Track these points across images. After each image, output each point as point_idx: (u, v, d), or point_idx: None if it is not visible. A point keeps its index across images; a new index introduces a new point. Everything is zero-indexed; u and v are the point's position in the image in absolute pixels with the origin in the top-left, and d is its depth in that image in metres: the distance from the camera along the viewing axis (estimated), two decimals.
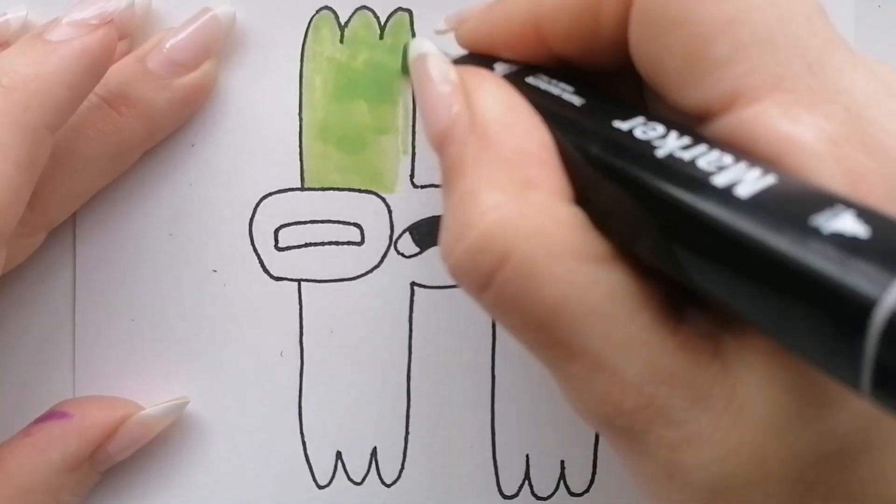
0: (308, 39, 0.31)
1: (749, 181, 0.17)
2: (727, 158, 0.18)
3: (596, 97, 0.22)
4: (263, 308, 0.31)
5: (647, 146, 0.19)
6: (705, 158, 0.18)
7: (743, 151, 0.18)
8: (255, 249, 0.31)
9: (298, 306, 0.31)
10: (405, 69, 0.29)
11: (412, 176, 0.31)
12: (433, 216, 0.31)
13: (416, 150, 0.31)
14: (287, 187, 0.31)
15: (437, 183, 0.31)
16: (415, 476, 0.31)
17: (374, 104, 0.31)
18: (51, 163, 0.26)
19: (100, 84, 0.27)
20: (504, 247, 0.19)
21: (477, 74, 0.22)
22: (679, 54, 0.19)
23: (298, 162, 0.31)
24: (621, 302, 0.19)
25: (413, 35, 0.31)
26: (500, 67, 0.24)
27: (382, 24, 0.31)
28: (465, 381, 0.31)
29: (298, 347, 0.31)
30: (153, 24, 0.30)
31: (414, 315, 0.31)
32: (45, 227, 0.29)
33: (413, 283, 0.31)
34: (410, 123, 0.31)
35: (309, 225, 0.31)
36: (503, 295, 0.19)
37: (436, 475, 0.31)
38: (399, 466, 0.31)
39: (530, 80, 0.23)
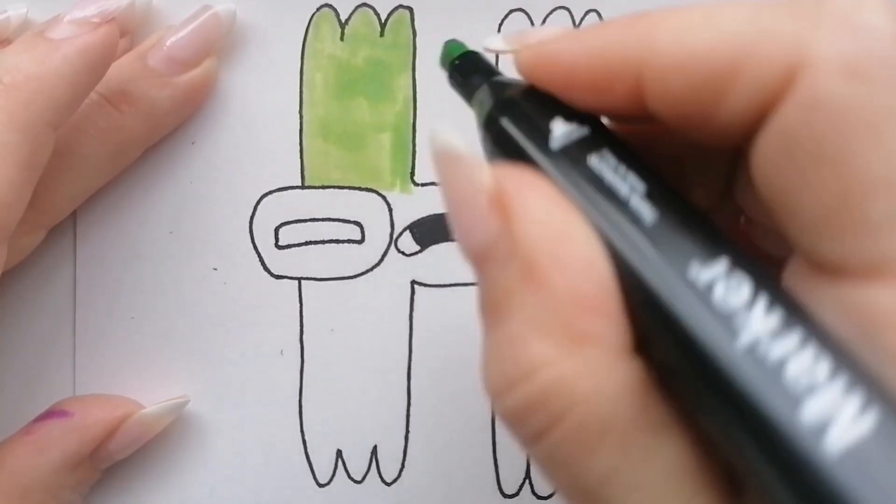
0: (308, 37, 0.31)
1: (844, 424, 0.14)
2: (823, 368, 0.15)
3: (673, 206, 0.17)
4: (264, 306, 0.31)
5: (727, 324, 0.16)
6: (797, 363, 0.15)
7: (857, 337, 0.16)
8: (255, 247, 0.31)
9: (299, 305, 0.31)
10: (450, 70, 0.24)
11: (413, 174, 0.31)
12: (434, 214, 0.31)
13: (417, 148, 0.31)
14: (287, 185, 0.31)
15: (437, 181, 0.31)
16: (415, 475, 0.31)
17: (374, 102, 0.31)
18: (51, 161, 0.26)
19: (100, 82, 0.27)
20: (558, 408, 0.17)
21: (520, 181, 0.18)
22: (824, 199, 0.16)
23: (299, 160, 0.31)
24: (677, 480, 0.17)
25: (413, 33, 0.31)
26: (561, 129, 0.19)
27: (383, 21, 0.31)
28: (466, 379, 0.31)
29: (299, 346, 0.31)
30: (154, 22, 0.30)
31: (414, 313, 0.31)
32: (45, 226, 0.29)
33: (413, 282, 0.31)
34: (411, 121, 0.31)
35: (309, 223, 0.31)
36: (553, 455, 0.17)
37: (436, 474, 0.31)
38: (399, 465, 0.31)
39: (594, 161, 0.18)
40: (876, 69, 0.16)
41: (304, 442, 0.31)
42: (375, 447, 0.31)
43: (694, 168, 0.21)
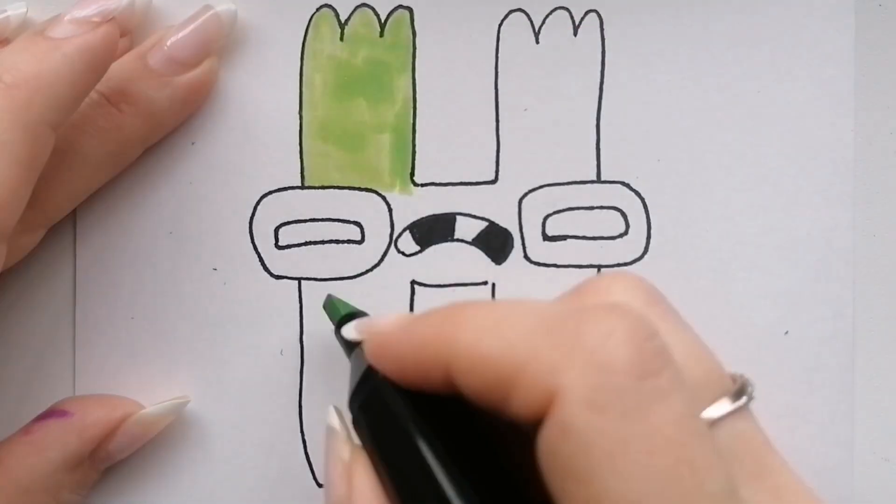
0: (308, 37, 0.31)
1: None
2: None
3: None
4: (264, 307, 0.31)
5: None
6: None
7: None
8: (255, 248, 0.31)
9: (299, 305, 0.31)
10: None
11: (412, 174, 0.31)
12: (434, 214, 0.31)
13: (417, 149, 0.31)
14: (287, 185, 0.31)
15: (437, 181, 0.31)
16: None
17: (374, 102, 0.31)
18: (51, 160, 0.26)
19: (101, 81, 0.27)
20: None
21: (360, 457, 0.24)
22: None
23: (298, 160, 0.31)
24: None
25: (413, 33, 0.31)
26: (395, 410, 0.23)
27: (383, 21, 0.31)
28: None
29: (299, 346, 0.31)
30: (154, 22, 0.30)
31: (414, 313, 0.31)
32: (44, 225, 0.29)
33: (413, 282, 0.31)
34: (411, 121, 0.31)
35: (309, 223, 0.31)
36: None
37: None
38: None
39: (422, 445, 0.22)
40: (612, 402, 0.18)
41: (304, 442, 0.31)
42: None
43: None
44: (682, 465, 0.18)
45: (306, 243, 0.31)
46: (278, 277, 0.31)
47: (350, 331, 0.26)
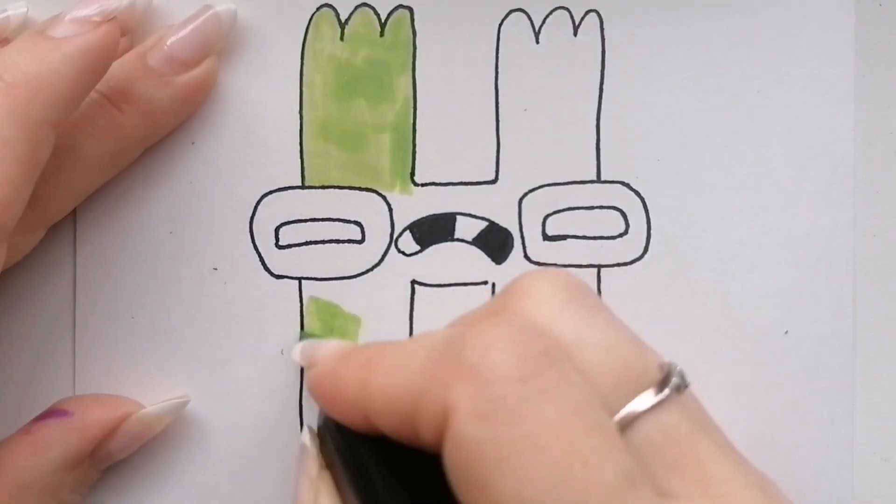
0: (308, 37, 0.31)
1: None
2: None
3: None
4: (264, 306, 0.31)
5: None
6: None
7: None
8: (255, 247, 0.31)
9: (299, 305, 0.31)
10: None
11: (413, 174, 0.31)
12: (434, 214, 0.31)
13: (417, 148, 0.31)
14: (287, 185, 0.31)
15: (437, 181, 0.31)
16: None
17: (374, 102, 0.31)
18: (51, 159, 0.26)
19: (101, 80, 0.27)
20: None
21: (325, 477, 0.26)
22: None
23: (299, 160, 0.31)
24: None
25: (413, 33, 0.31)
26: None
27: (383, 21, 0.31)
28: None
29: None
30: (154, 22, 0.30)
31: (414, 313, 0.31)
32: (44, 224, 0.29)
33: (413, 282, 0.31)
34: (411, 121, 0.31)
35: (309, 223, 0.31)
36: None
37: None
38: None
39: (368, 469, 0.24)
40: (495, 409, 0.19)
41: None
42: None
43: None
44: (573, 458, 0.19)
45: (307, 243, 0.31)
46: (279, 277, 0.31)
47: (296, 353, 0.28)
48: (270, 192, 0.31)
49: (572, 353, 0.21)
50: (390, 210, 0.31)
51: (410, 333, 0.31)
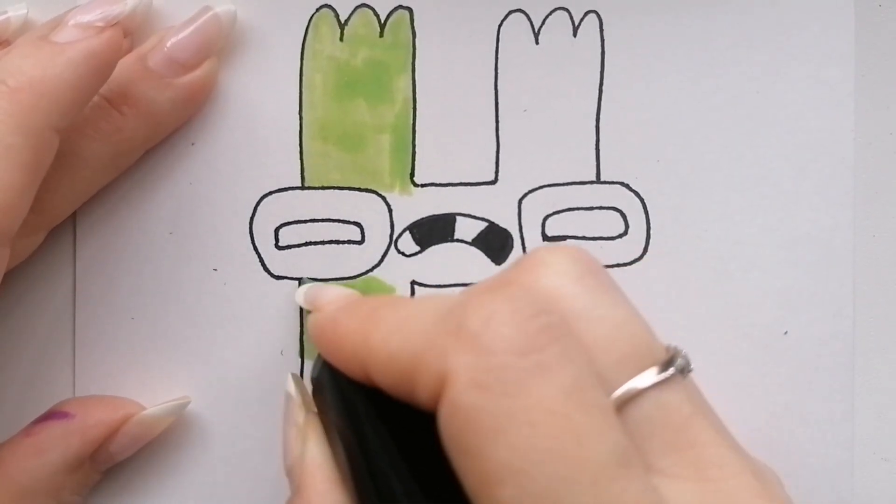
0: (308, 38, 0.31)
1: None
2: None
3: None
4: (264, 307, 0.31)
5: None
6: None
7: None
8: (255, 248, 0.31)
9: (299, 305, 0.31)
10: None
11: (412, 174, 0.31)
12: (434, 215, 0.31)
13: (417, 149, 0.31)
14: (287, 186, 0.31)
15: (437, 181, 0.31)
16: None
17: (374, 103, 0.31)
18: (52, 162, 0.26)
19: None
20: None
21: (313, 423, 0.26)
22: (470, 483, 0.20)
23: (298, 161, 0.31)
24: None
25: (413, 34, 0.31)
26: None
27: (382, 21, 0.31)
28: None
29: (299, 346, 0.31)
30: (154, 23, 0.30)
31: None
32: (45, 227, 0.29)
33: (413, 282, 0.31)
34: (410, 122, 0.31)
35: (309, 224, 0.31)
36: None
37: None
38: None
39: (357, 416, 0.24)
40: (494, 380, 0.19)
41: None
42: None
43: None
44: (567, 434, 0.19)
45: (306, 244, 0.31)
46: (278, 278, 0.31)
47: (300, 296, 0.28)
48: (270, 193, 0.31)
49: (581, 326, 0.21)
50: (390, 211, 0.31)
51: None
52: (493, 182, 0.31)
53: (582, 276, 0.23)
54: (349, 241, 0.31)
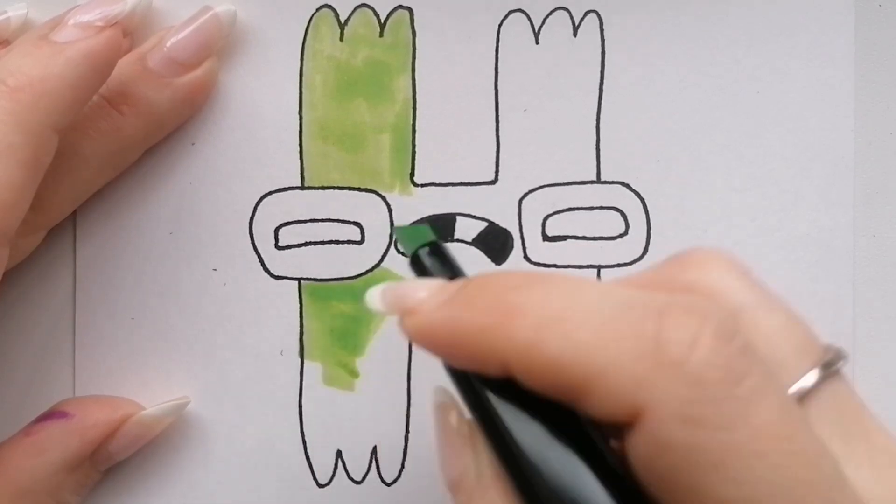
0: (308, 38, 0.31)
1: None
2: None
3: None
4: (264, 307, 0.31)
5: None
6: None
7: None
8: (255, 248, 0.31)
9: (299, 305, 0.31)
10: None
11: (412, 174, 0.31)
12: (433, 215, 0.31)
13: (417, 149, 0.31)
14: (287, 186, 0.31)
15: (437, 181, 0.31)
16: (415, 475, 0.31)
17: (374, 103, 0.31)
18: (52, 162, 0.26)
19: None
20: None
21: (475, 431, 0.22)
22: None
23: (298, 161, 0.31)
24: None
25: (413, 34, 0.31)
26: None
27: (382, 21, 0.31)
28: None
29: (299, 346, 0.31)
30: (154, 23, 0.30)
31: None
32: (45, 226, 0.29)
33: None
34: (411, 122, 0.31)
35: (309, 224, 0.31)
36: None
37: (436, 474, 0.31)
38: (399, 465, 0.31)
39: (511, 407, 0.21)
40: (708, 414, 0.18)
41: (304, 442, 0.31)
42: (375, 447, 0.31)
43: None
44: (794, 457, 0.18)
45: (306, 244, 0.31)
46: (278, 278, 0.31)
47: (374, 299, 0.23)
48: (270, 193, 0.31)
49: (755, 319, 0.21)
50: (390, 211, 0.31)
51: None
52: (493, 182, 0.31)
53: (745, 273, 0.22)
54: (349, 241, 0.31)
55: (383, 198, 0.31)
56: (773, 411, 0.18)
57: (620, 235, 0.31)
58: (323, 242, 0.31)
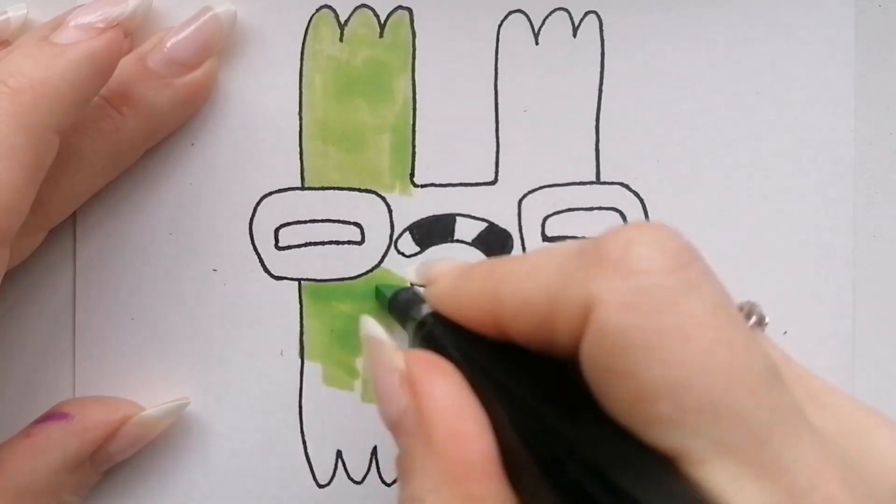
0: (308, 38, 0.31)
1: None
2: None
3: (555, 401, 0.21)
4: (264, 307, 0.31)
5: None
6: None
7: None
8: (255, 249, 0.31)
9: (299, 305, 0.31)
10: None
11: (412, 175, 0.31)
12: (433, 215, 0.31)
13: (416, 149, 0.31)
14: (287, 186, 0.31)
15: (436, 182, 0.31)
16: None
17: (373, 103, 0.31)
18: (52, 163, 0.26)
19: None
20: None
21: (429, 365, 0.23)
22: (624, 403, 0.19)
23: (298, 161, 0.31)
24: None
25: (413, 34, 0.31)
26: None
27: (382, 22, 0.31)
28: None
29: (299, 346, 0.31)
30: (154, 23, 0.30)
31: None
32: (45, 227, 0.29)
33: (413, 283, 0.31)
34: (410, 122, 0.31)
35: (309, 224, 0.31)
36: None
37: None
38: None
39: (489, 363, 0.23)
40: (644, 299, 0.19)
41: (304, 442, 0.31)
42: (375, 447, 0.31)
43: None
44: (720, 346, 0.19)
45: (306, 244, 0.31)
46: (278, 278, 0.31)
47: (412, 272, 0.27)
48: (270, 194, 0.31)
49: None
50: (390, 211, 0.31)
51: None
52: (493, 182, 0.31)
53: (675, 270, 0.22)
54: (349, 242, 0.31)
55: (383, 198, 0.31)
56: (705, 303, 0.19)
57: None
58: (323, 243, 0.31)
